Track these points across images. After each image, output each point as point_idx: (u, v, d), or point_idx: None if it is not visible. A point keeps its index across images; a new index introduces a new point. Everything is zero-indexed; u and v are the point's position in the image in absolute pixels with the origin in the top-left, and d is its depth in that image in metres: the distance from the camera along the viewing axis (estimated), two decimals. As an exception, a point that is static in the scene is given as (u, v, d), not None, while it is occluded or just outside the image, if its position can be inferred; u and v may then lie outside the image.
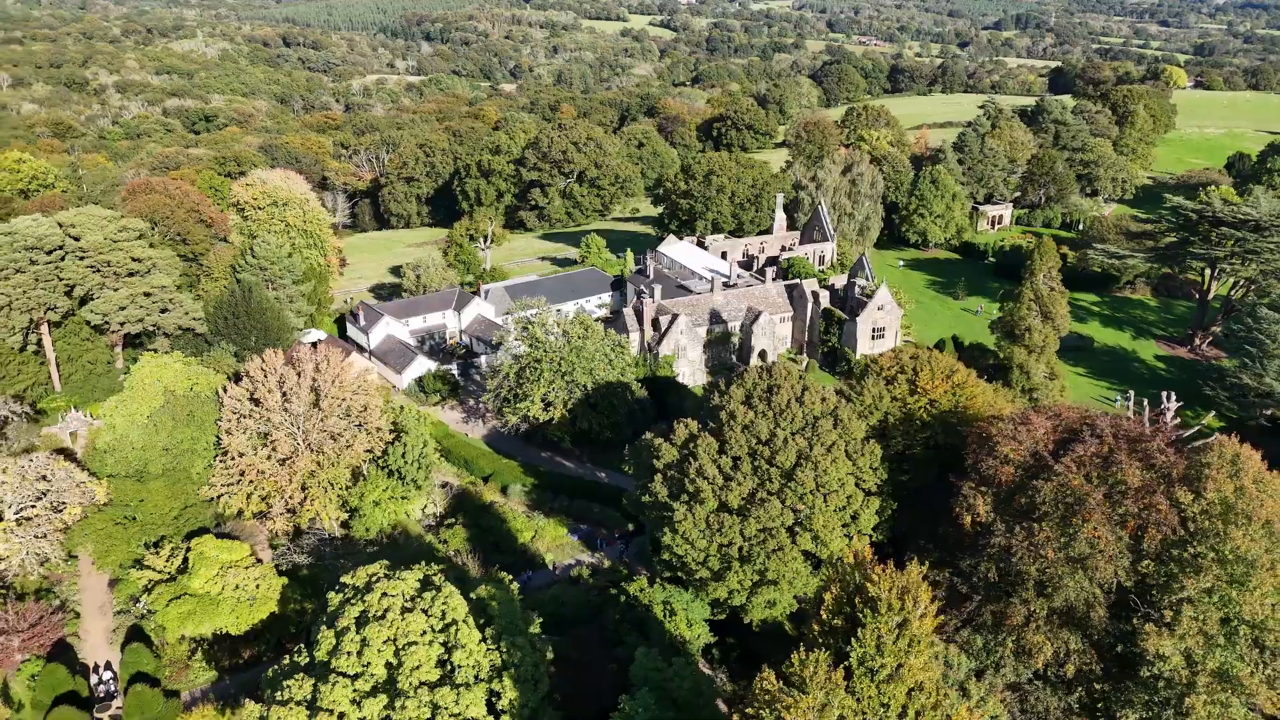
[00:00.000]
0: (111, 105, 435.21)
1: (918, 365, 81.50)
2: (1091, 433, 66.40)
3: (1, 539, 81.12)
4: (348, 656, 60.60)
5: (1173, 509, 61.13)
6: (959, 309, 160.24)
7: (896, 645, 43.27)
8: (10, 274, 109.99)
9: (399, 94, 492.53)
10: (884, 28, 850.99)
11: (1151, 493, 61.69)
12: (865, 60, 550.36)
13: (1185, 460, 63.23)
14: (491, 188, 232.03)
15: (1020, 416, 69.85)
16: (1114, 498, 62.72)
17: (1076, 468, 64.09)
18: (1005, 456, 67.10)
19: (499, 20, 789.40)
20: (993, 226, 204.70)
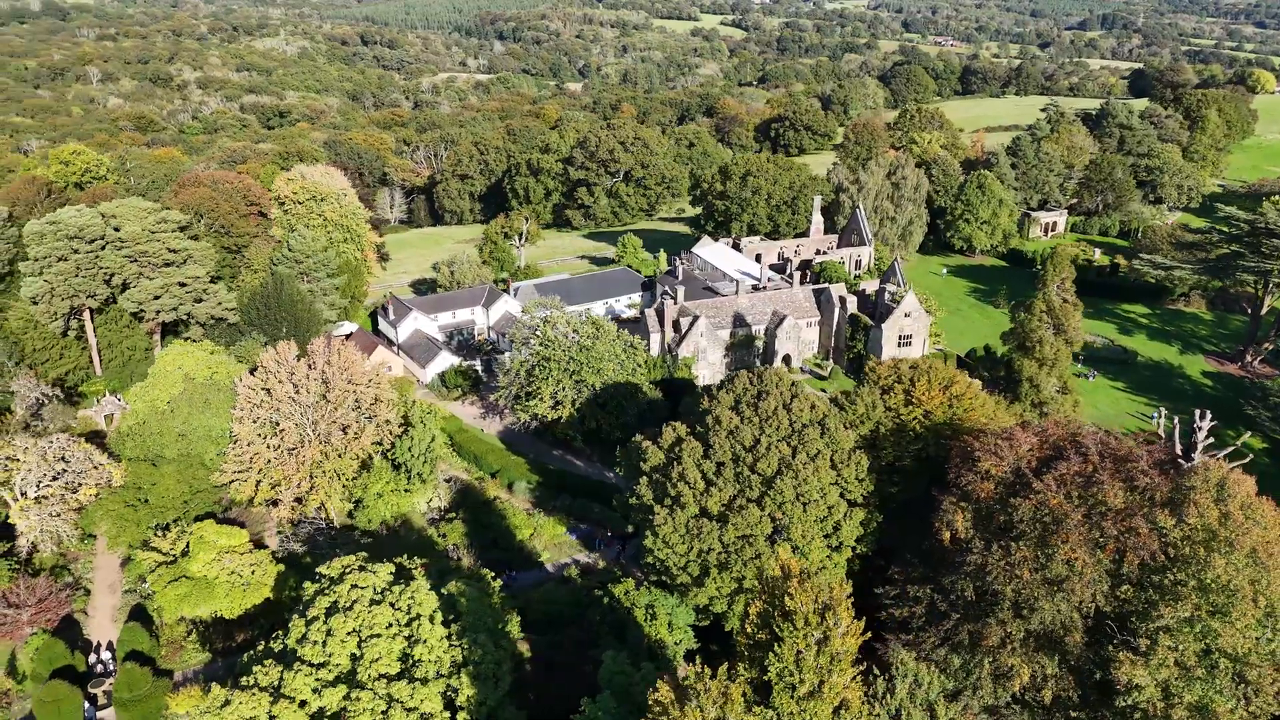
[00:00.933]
0: (192, 101, 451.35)
1: (915, 375, 79.64)
2: (1076, 451, 64.06)
3: (19, 516, 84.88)
4: (313, 645, 61.91)
5: (1153, 533, 58.62)
6: (1000, 318, 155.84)
7: (817, 662, 42.36)
8: (53, 262, 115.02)
9: (467, 92, 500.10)
10: (961, 28, 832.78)
11: (1132, 515, 59.24)
12: (937, 61, 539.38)
13: (1171, 483, 60.53)
14: (540, 186, 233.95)
15: (1004, 432, 67.76)
16: (1093, 519, 60.40)
17: (1056, 486, 61.89)
18: (985, 472, 65.15)
19: (571, 19, 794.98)
20: (1046, 234, 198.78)
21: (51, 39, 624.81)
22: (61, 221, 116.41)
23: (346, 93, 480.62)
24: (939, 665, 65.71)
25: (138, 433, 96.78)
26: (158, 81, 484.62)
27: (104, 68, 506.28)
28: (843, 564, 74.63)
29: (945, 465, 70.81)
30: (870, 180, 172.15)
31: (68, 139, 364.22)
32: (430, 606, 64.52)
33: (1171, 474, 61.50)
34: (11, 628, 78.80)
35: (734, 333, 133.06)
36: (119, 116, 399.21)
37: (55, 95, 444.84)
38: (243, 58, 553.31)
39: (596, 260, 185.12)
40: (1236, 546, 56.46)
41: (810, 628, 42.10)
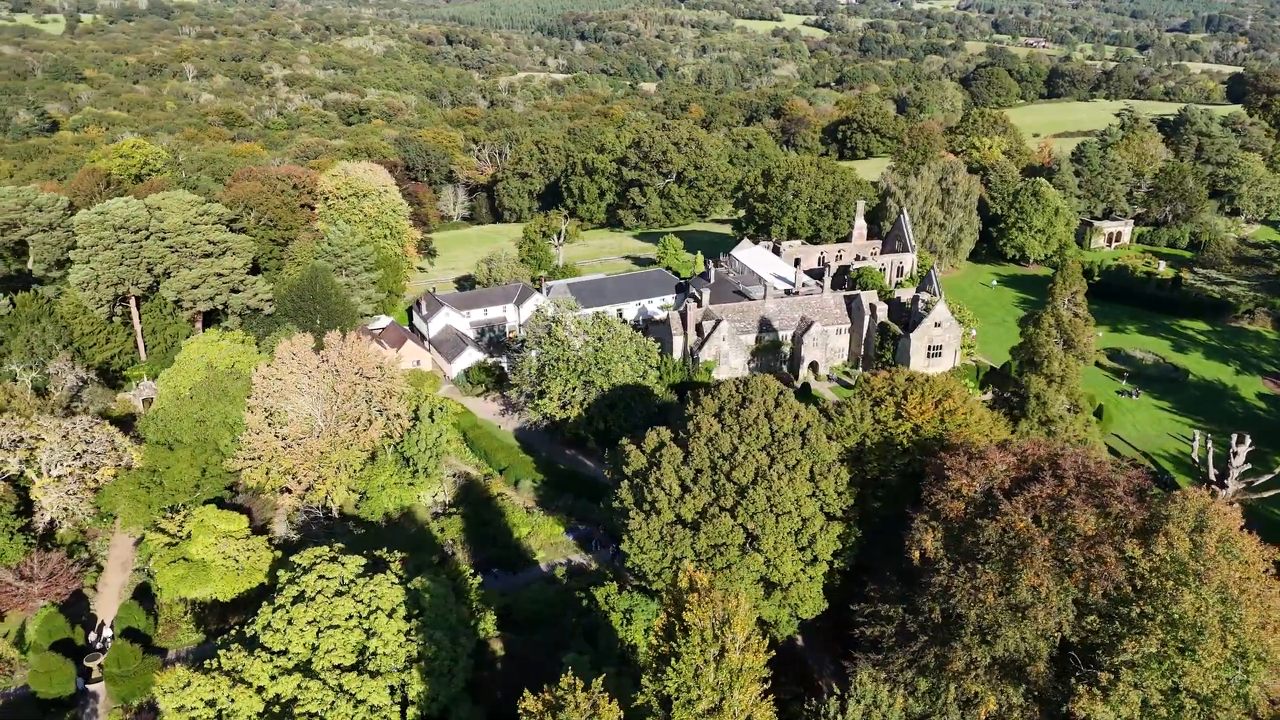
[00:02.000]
0: (279, 97, 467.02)
1: (909, 388, 77.45)
2: (1052, 473, 61.40)
3: (39, 492, 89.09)
4: (274, 633, 63.50)
5: (1120, 562, 55.81)
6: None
7: (717, 678, 41.52)
8: (100, 251, 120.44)
9: (542, 91, 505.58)
10: (1055, 29, 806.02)
11: (1100, 543, 56.50)
12: (1023, 64, 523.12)
13: (1147, 511, 57.53)
14: (595, 185, 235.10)
15: (979, 450, 65.35)
16: (1060, 545, 57.82)
17: (1025, 509, 59.47)
18: (956, 491, 62.98)
19: (652, 19, 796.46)
20: (1110, 244, 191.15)
21: (154, 36, 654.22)
22: (109, 212, 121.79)
23: (425, 91, 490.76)
24: (907, 688, 63.96)
25: (159, 417, 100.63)
26: (248, 79, 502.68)
27: (199, 65, 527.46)
28: (819, 578, 73.08)
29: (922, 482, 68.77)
30: (919, 185, 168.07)
31: (158, 133, 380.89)
32: (392, 601, 65.47)
33: (1148, 501, 58.41)
34: (23, 599, 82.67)
35: (759, 337, 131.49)
36: (209, 112, 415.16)
37: (152, 91, 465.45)
38: (330, 56, 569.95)
39: (639, 261, 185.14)
40: (1206, 581, 53.37)
41: (707, 642, 41.25)
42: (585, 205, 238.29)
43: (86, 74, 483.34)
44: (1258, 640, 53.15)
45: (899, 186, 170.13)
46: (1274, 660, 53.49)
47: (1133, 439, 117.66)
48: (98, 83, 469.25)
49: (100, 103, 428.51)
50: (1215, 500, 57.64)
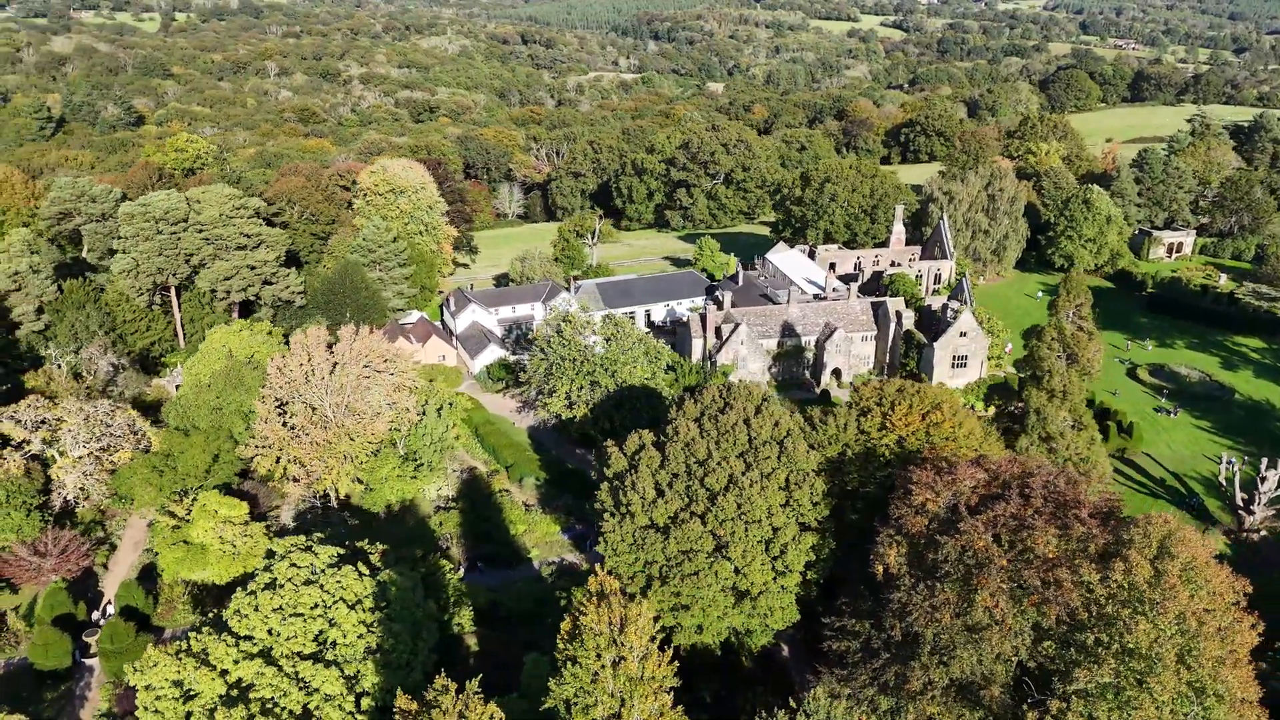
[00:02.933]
0: (353, 95, 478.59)
1: (896, 400, 75.64)
2: (1019, 491, 59.26)
3: (57, 471, 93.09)
4: (241, 619, 65.19)
5: (1077, 587, 53.58)
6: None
7: (615, 685, 41.18)
8: (140, 241, 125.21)
9: (609, 91, 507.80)
10: (1146, 30, 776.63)
11: (1058, 566, 54.35)
12: (1107, 66, 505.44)
13: (1110, 534, 55.13)
14: (643, 186, 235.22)
15: (947, 465, 63.42)
16: (1018, 566, 55.80)
17: (985, 527, 57.54)
18: (920, 506, 61.30)
19: (726, 20, 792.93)
20: (1170, 255, 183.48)
21: (241, 35, 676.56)
22: (150, 204, 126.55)
23: (494, 90, 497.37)
24: (870, 705, 62.55)
25: (180, 403, 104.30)
26: (326, 77, 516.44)
27: (281, 63, 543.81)
28: (791, 588, 71.88)
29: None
30: (962, 191, 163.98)
31: (236, 128, 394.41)
32: (357, 592, 66.59)
33: (1111, 525, 55.93)
34: (35, 574, 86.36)
35: (781, 342, 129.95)
36: (285, 109, 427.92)
37: (234, 88, 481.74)
38: (406, 55, 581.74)
39: (678, 261, 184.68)
40: (1163, 611, 50.89)
41: (602, 648, 40.92)
42: (634, 205, 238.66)
43: (174, 71, 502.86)
44: (1217, 676, 50.49)
45: (942, 191, 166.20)
46: (1234, 697, 50.76)
47: (1165, 459, 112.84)
48: (184, 79, 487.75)
49: (185, 99, 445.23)
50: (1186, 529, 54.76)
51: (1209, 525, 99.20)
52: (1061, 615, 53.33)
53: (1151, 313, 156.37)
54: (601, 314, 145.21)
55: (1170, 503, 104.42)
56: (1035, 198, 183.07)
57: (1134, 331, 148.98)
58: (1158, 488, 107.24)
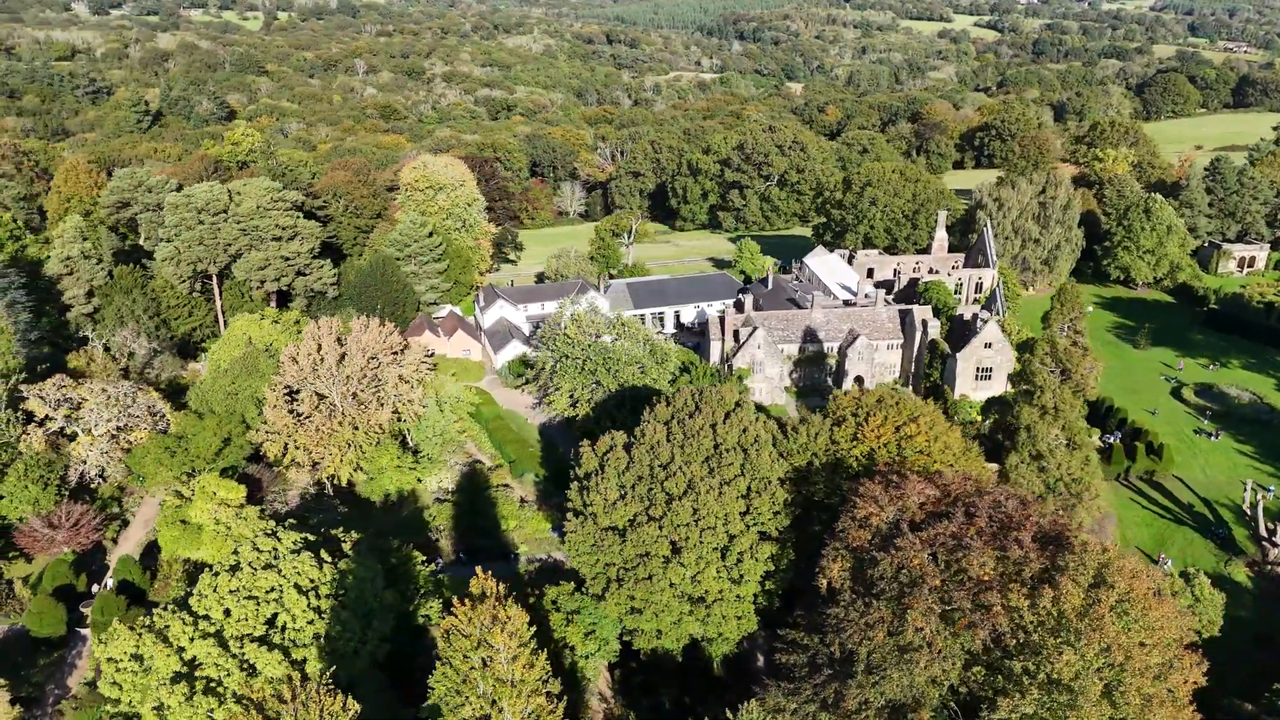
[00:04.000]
0: (435, 93, 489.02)
1: (873, 410, 73.58)
2: (965, 510, 57.00)
3: (75, 448, 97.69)
4: (200, 598, 67.39)
5: (1007, 612, 51.28)
6: (1135, 359, 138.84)
7: (486, 686, 41.14)
8: (181, 231, 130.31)
9: (687, 91, 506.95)
10: (1260, 33, 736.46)
11: (988, 589, 52.11)
12: (1210, 70, 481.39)
13: (1048, 559, 52.56)
14: (698, 186, 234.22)
15: (897, 479, 61.35)
16: (949, 587, 53.70)
17: (922, 545, 55.53)
18: (864, 519, 59.52)
19: (813, 20, 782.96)
20: (1241, 269, 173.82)
21: (337, 34, 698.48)
22: (194, 195, 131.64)
23: (572, 89, 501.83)
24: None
25: (200, 388, 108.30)
26: (411, 75, 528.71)
27: (370, 61, 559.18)
28: (748, 597, 70.67)
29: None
30: (1012, 197, 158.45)
31: (320, 124, 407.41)
32: (313, 578, 68.09)
33: (1050, 550, 53.31)
34: (47, 545, 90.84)
35: (803, 348, 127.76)
36: (368, 105, 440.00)
37: (323, 84, 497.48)
38: (490, 54, 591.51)
39: (720, 263, 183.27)
40: (1088, 640, 48.28)
41: (468, 650, 40.90)
42: (688, 206, 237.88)
43: (268, 68, 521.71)
44: (1144, 714, 47.68)
45: (992, 198, 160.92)
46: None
47: (1196, 483, 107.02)
48: (277, 76, 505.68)
49: (276, 95, 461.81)
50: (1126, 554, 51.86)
51: (1232, 556, 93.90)
52: (988, 640, 51.10)
53: (1210, 330, 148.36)
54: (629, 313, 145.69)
55: (1194, 529, 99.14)
56: (1096, 206, 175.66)
57: (1188, 349, 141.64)
58: (1183, 513, 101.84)
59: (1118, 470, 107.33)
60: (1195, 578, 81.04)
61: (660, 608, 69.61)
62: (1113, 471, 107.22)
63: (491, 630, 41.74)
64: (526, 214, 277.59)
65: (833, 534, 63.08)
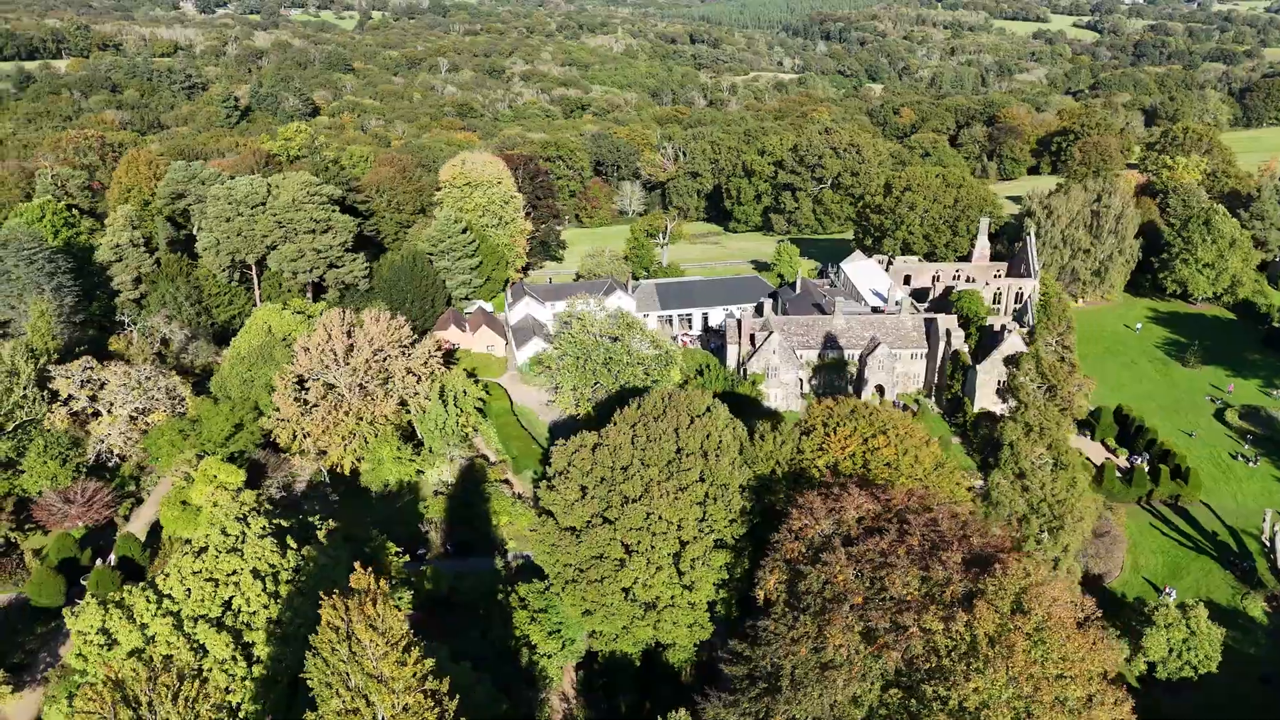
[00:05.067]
0: (512, 91, 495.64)
1: (843, 421, 71.69)
2: (899, 527, 55.03)
3: (95, 427, 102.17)
4: (165, 578, 69.73)
5: (922, 634, 49.33)
6: (1182, 377, 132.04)
7: (355, 681, 41.49)
8: (221, 222, 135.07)
9: (763, 92, 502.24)
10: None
11: (906, 609, 50.19)
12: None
13: (971, 581, 50.32)
14: (751, 188, 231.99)
15: (835, 492, 59.53)
16: (869, 606, 51.91)
17: (849, 561, 53.82)
18: (799, 531, 58.00)
19: (901, 20, 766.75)
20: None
21: (426, 33, 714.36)
22: (234, 188, 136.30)
23: (648, 89, 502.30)
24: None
25: (221, 374, 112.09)
26: (491, 73, 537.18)
27: (453, 59, 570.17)
28: (701, 604, 69.63)
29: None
30: (1062, 205, 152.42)
31: (397, 121, 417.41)
32: (273, 564, 69.76)
33: (974, 572, 51.01)
34: (61, 519, 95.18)
35: (823, 354, 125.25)
36: (446, 103, 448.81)
37: (406, 82, 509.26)
38: (570, 54, 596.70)
39: (761, 265, 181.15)
40: (995, 668, 46.03)
41: (335, 642, 41.25)
42: (741, 207, 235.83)
43: (355, 65, 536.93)
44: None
45: (1041, 205, 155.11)
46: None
47: (1225, 511, 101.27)
48: (363, 74, 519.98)
49: (360, 92, 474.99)
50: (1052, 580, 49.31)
51: (1251, 589, 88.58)
52: (900, 663, 49.23)
53: (1270, 350, 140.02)
54: (657, 314, 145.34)
55: (1214, 559, 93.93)
56: (1158, 216, 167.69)
57: (1243, 369, 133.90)
58: (1205, 542, 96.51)
59: (1139, 493, 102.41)
60: (1192, 610, 76.68)
61: (612, 610, 69.16)
62: (1133, 494, 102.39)
63: (357, 625, 42.06)
64: (586, 212, 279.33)
65: (771, 545, 61.67)
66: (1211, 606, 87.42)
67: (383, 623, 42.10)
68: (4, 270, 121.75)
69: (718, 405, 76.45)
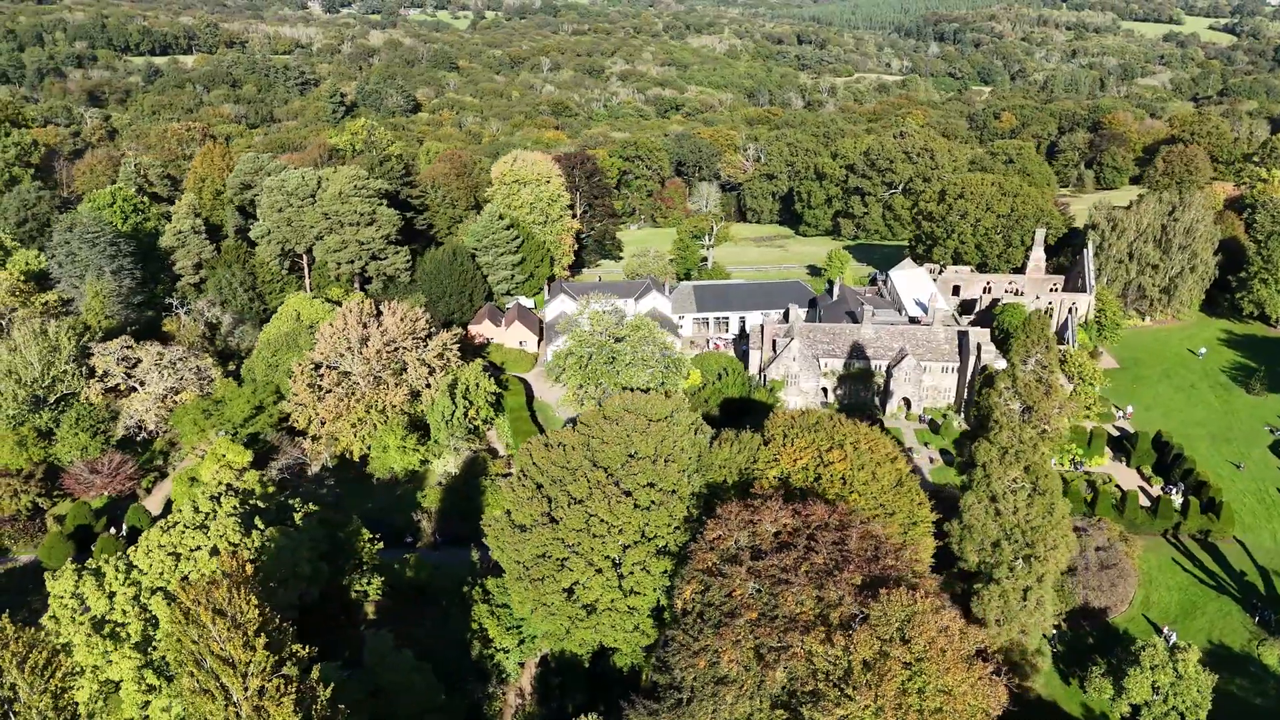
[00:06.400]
0: (609, 91, 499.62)
1: (802, 432, 69.67)
2: (808, 542, 53.14)
3: (126, 403, 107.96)
4: (135, 549, 73.14)
5: (805, 655, 47.50)
6: (1244, 405, 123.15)
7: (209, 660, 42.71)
8: (272, 212, 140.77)
9: (865, 94, 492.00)
10: None
11: (792, 629, 48.44)
12: None
13: (860, 603, 48.16)
14: (822, 191, 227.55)
15: (754, 504, 57.78)
16: (760, 623, 50.30)
17: (748, 575, 52.30)
18: (712, 542, 56.64)
19: (1021, 20, 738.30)
20: None
21: (533, 32, 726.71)
22: (286, 180, 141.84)
23: (744, 89, 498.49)
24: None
25: (251, 358, 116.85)
26: (591, 73, 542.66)
27: (555, 58, 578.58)
28: (643, 610, 68.72)
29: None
30: (1128, 218, 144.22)
31: (492, 118, 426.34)
32: (232, 541, 72.28)
33: (863, 596, 48.76)
34: (86, 488, 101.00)
35: (848, 364, 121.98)
36: (542, 102, 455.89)
37: (507, 81, 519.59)
38: (672, 54, 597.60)
39: (815, 270, 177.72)
40: (862, 696, 43.94)
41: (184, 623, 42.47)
42: (811, 211, 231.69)
43: (460, 64, 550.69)
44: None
45: (1106, 217, 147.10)
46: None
47: (1262, 550, 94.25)
48: (466, 72, 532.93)
49: (461, 90, 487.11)
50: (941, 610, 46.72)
51: (1270, 636, 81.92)
52: (785, 683, 47.57)
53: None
54: (692, 316, 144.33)
55: (1236, 600, 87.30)
56: (1243, 232, 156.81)
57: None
58: (1230, 582, 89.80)
59: (1165, 525, 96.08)
60: (1183, 653, 71.37)
61: (553, 610, 69.03)
62: (1158, 526, 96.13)
63: (200, 609, 43.18)
64: (660, 213, 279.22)
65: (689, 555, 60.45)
66: (1223, 651, 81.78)
67: (232, 606, 43.19)
68: (69, 252, 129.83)
69: (681, 411, 75.33)
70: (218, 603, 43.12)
